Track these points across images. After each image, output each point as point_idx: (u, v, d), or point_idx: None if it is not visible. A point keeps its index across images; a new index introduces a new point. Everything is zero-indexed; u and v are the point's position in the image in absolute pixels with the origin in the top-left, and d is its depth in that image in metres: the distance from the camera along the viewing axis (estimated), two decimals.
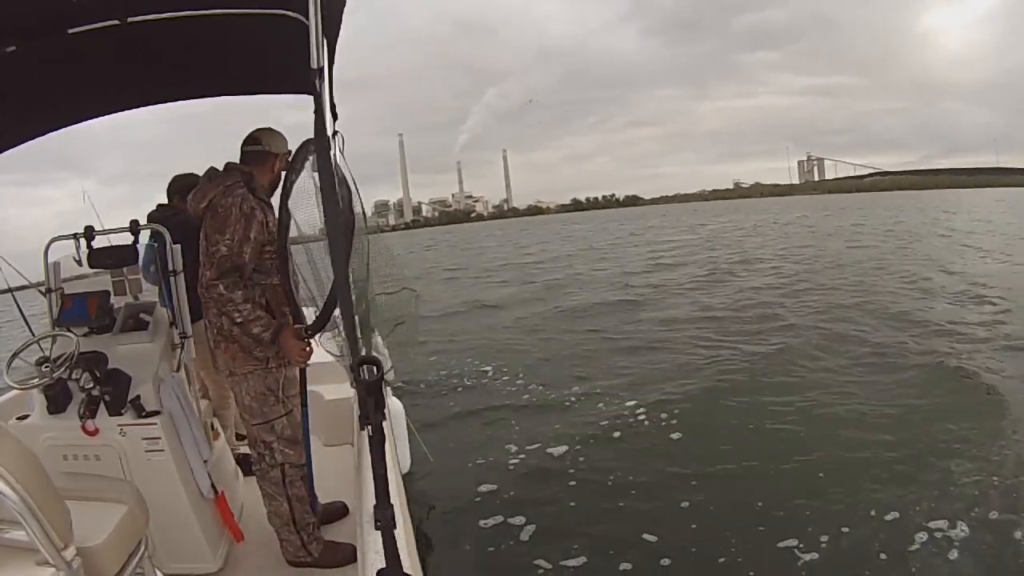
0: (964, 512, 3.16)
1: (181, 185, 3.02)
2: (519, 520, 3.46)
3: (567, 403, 5.45)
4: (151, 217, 2.99)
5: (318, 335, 2.20)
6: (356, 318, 1.91)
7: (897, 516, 3.17)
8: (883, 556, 2.88)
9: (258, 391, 2.17)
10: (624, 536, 3.23)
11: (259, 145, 2.26)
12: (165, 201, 3.17)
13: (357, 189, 2.00)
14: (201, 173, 2.29)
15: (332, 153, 1.67)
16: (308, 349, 2.20)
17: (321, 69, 1.48)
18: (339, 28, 1.88)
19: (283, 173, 2.26)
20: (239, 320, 2.06)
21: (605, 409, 5.14)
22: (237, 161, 2.26)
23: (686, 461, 4.01)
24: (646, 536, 3.21)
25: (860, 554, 2.92)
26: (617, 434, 4.59)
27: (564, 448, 4.39)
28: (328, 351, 2.26)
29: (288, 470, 2.22)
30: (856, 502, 3.32)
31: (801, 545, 3.01)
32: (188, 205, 2.22)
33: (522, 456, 4.34)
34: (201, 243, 2.14)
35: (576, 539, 3.22)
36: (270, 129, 2.30)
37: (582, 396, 5.57)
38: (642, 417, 4.88)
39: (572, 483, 3.88)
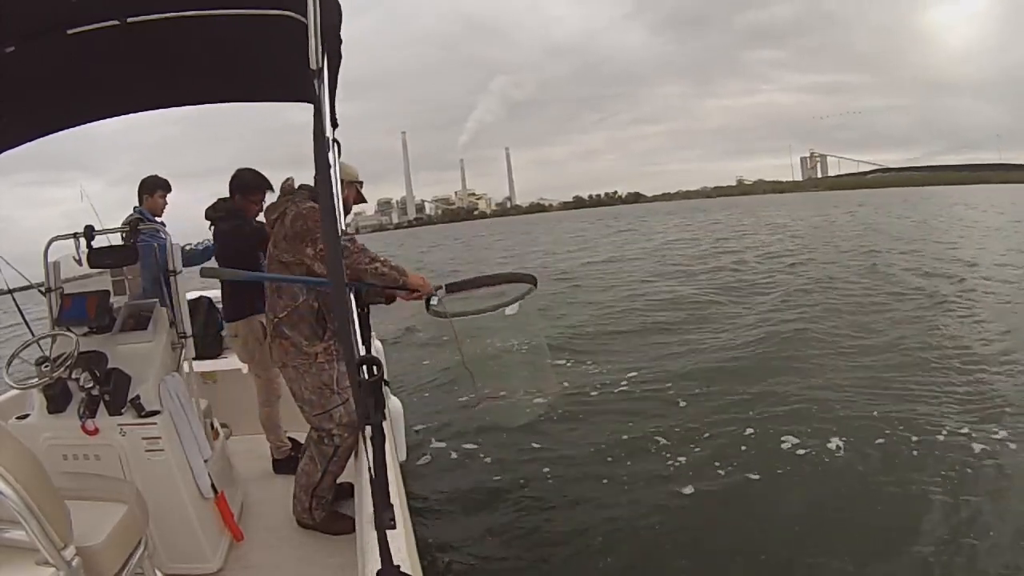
0: None
1: (241, 182, 3.13)
2: (520, 520, 3.46)
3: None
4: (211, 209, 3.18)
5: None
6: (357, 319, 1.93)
7: None
8: None
9: (315, 386, 2.39)
10: (623, 533, 3.23)
11: None
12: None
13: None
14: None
15: (331, 158, 1.68)
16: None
17: (320, 70, 1.48)
18: (338, 34, 1.86)
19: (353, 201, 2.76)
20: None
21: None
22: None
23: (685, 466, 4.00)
24: (646, 534, 3.21)
25: None
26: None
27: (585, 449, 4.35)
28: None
29: (341, 452, 2.44)
30: None
31: None
32: (264, 216, 2.54)
33: (524, 453, 4.34)
34: (271, 250, 2.42)
35: (578, 538, 3.21)
36: (341, 162, 2.67)
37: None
38: (649, 399, 4.88)
39: (577, 485, 3.88)
